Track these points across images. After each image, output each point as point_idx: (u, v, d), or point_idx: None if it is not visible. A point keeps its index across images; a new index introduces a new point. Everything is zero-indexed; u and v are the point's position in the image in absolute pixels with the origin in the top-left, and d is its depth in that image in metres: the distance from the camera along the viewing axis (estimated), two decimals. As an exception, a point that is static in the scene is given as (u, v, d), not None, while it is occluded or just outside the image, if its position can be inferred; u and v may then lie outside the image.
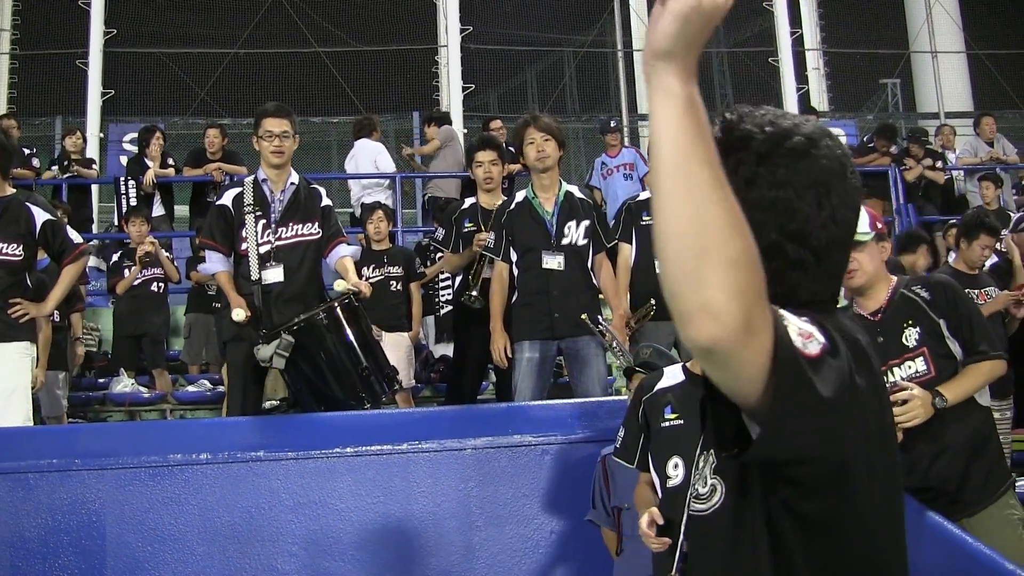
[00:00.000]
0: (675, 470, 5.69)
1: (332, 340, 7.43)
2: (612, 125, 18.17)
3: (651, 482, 5.82)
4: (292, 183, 8.34)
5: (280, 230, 8.19)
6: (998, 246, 10.90)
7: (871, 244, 5.94)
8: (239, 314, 7.74)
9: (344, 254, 8.33)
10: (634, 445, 5.84)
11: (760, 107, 2.63)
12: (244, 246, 8.14)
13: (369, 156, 16.22)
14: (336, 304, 7.55)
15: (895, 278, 6.25)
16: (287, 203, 8.28)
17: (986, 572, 5.20)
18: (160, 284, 13.57)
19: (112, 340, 14.02)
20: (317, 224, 8.31)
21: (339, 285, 7.87)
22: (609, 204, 16.28)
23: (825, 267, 2.54)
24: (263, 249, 8.07)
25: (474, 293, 9.29)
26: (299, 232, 8.22)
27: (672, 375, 5.93)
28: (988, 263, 10.74)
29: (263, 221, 8.17)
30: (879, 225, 6.01)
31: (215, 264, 8.34)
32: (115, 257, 13.95)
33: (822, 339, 2.22)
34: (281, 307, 7.98)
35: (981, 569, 5.22)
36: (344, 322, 7.48)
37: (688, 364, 5.97)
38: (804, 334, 2.19)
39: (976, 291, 9.69)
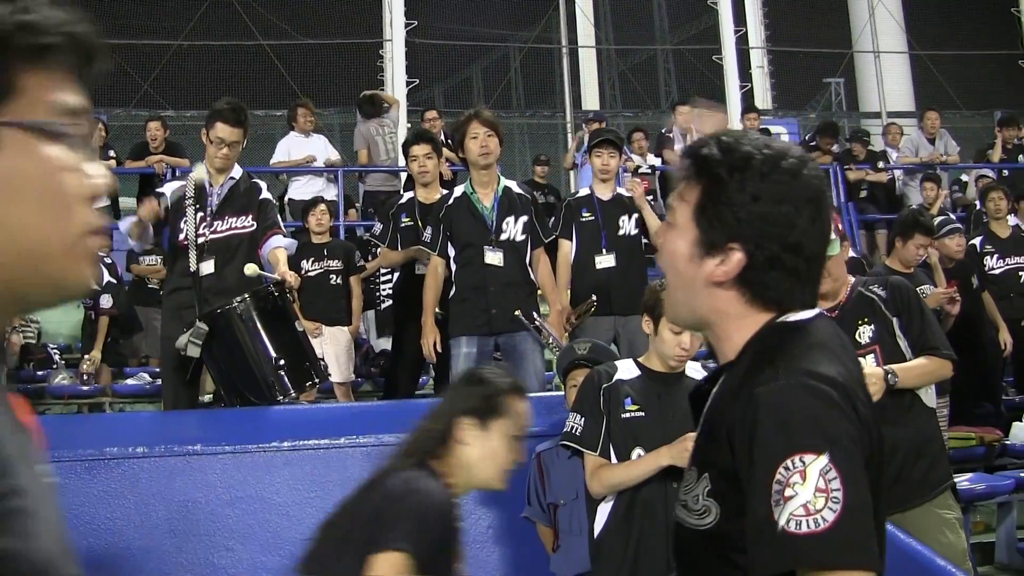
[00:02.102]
0: None
1: (244, 330, 7.40)
2: (591, 116, 18.35)
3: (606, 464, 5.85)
4: (232, 177, 8.32)
5: (216, 223, 8.17)
6: None
7: (836, 254, 6.05)
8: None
9: (277, 245, 8.26)
10: (597, 432, 5.84)
11: (744, 131, 3.04)
12: (182, 237, 8.12)
13: (282, 151, 16.41)
14: (252, 294, 7.53)
15: (853, 278, 6.38)
16: (224, 196, 8.26)
17: (919, 570, 5.25)
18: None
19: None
20: (252, 217, 8.27)
21: (249, 269, 7.83)
22: (581, 184, 16.36)
23: (812, 274, 2.75)
24: (199, 241, 8.07)
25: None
26: (233, 225, 8.18)
27: (626, 369, 5.99)
28: None
29: (200, 213, 8.15)
30: (840, 227, 6.11)
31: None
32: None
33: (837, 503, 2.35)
34: (212, 300, 7.93)
35: (914, 566, 5.27)
36: (257, 312, 7.45)
37: (642, 359, 6.02)
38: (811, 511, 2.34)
39: None
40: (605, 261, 9.66)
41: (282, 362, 7.40)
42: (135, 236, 8.18)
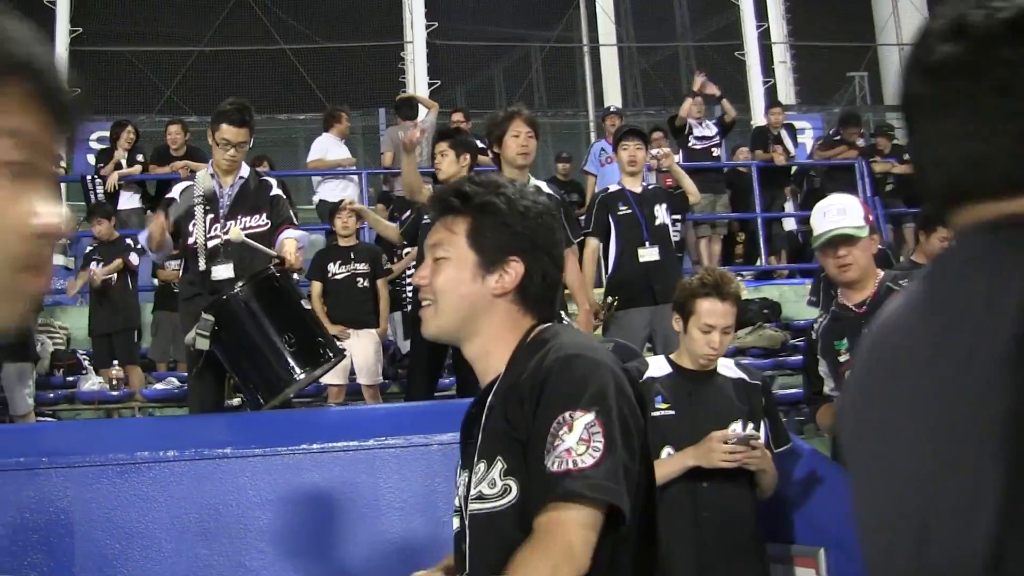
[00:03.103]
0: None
1: (248, 313, 7.29)
2: (612, 110, 18.29)
3: None
4: (241, 176, 8.20)
5: (228, 224, 7.99)
6: None
7: (864, 238, 6.01)
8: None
9: (288, 236, 8.08)
10: None
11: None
12: (192, 240, 8.06)
13: (319, 149, 16.38)
14: (250, 277, 7.44)
15: (882, 272, 6.35)
16: (235, 196, 8.13)
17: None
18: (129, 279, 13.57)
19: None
20: (265, 215, 8.13)
21: (233, 234, 7.76)
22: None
23: (558, 292, 3.33)
24: (211, 244, 7.95)
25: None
26: (247, 225, 7.96)
27: (657, 366, 5.99)
28: None
29: (211, 215, 8.04)
30: (870, 218, 6.09)
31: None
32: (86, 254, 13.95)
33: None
34: None
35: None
36: (258, 295, 7.35)
37: (672, 356, 6.02)
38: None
39: None
40: (649, 254, 9.66)
41: (292, 339, 7.32)
42: (154, 247, 8.11)
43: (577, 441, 2.76)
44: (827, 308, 7.08)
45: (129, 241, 13.32)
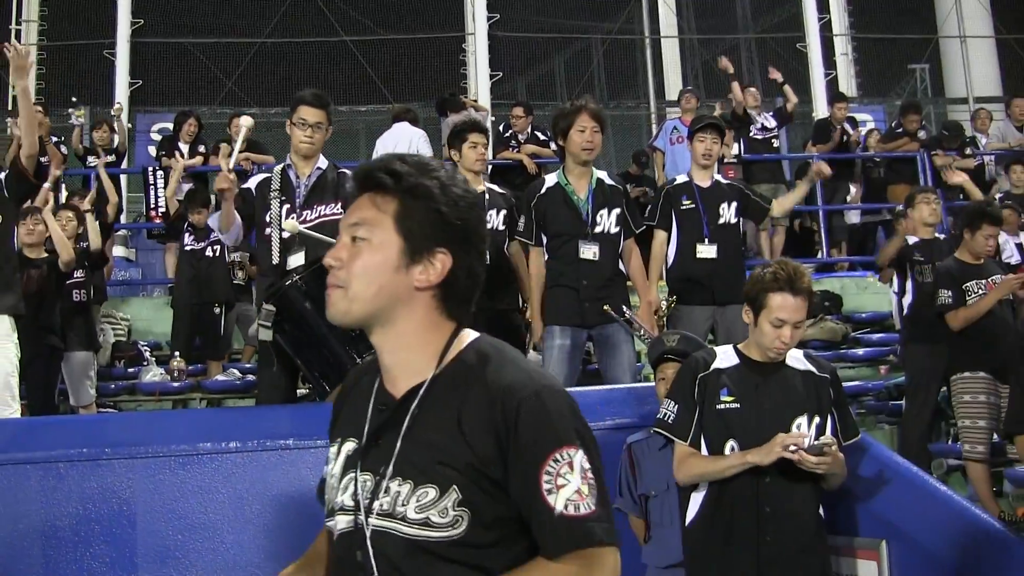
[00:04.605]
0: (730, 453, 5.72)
1: (309, 301, 7.03)
2: (689, 88, 18.25)
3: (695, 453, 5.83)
4: (319, 168, 8.16)
5: (304, 213, 7.95)
6: None
7: None
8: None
9: None
10: (688, 422, 5.82)
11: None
12: (268, 231, 8.03)
13: (410, 140, 16.24)
14: (307, 264, 7.40)
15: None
16: (312, 186, 8.09)
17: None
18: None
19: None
20: (342, 205, 7.98)
21: (287, 224, 7.68)
22: (668, 170, 16.33)
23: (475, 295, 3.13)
24: (286, 235, 7.88)
25: None
26: (323, 213, 7.93)
27: (725, 356, 5.95)
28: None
29: (287, 206, 8.00)
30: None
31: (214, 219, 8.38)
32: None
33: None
34: None
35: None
36: (318, 283, 7.16)
37: (740, 346, 5.97)
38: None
39: (983, 280, 9.72)
40: (707, 252, 9.53)
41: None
42: (225, 228, 8.08)
43: (582, 481, 2.80)
44: None
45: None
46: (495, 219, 9.07)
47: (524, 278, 9.06)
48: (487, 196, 9.35)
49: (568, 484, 2.78)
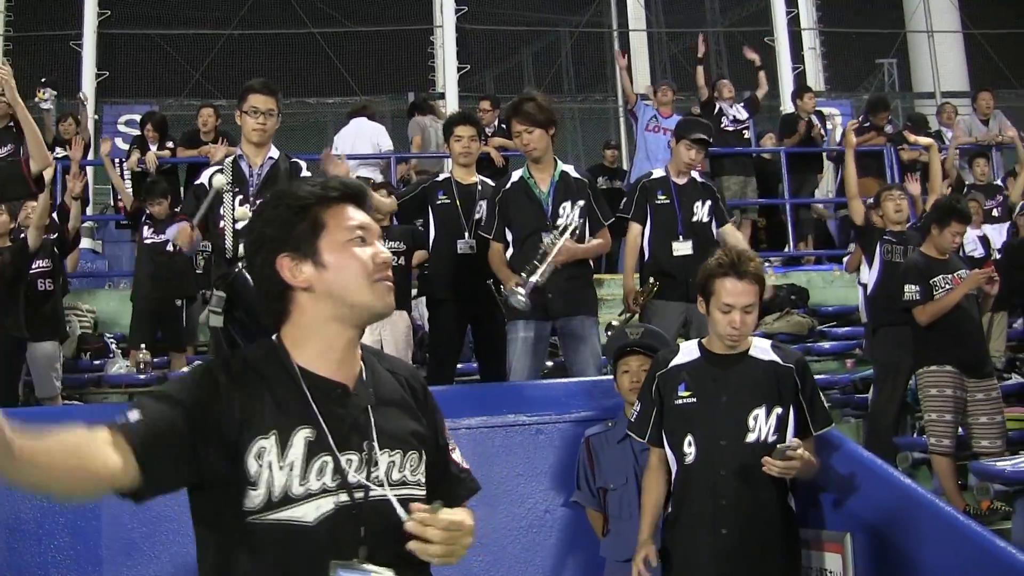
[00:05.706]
0: (689, 448, 5.74)
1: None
2: (666, 80, 18.32)
3: (664, 461, 5.87)
4: (271, 158, 8.16)
5: (258, 203, 7.72)
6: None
7: None
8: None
9: None
10: (646, 420, 5.88)
11: None
12: (222, 223, 8.00)
13: (371, 136, 16.33)
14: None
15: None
16: (264, 176, 8.07)
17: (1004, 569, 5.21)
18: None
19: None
20: None
21: (217, 181, 7.79)
22: (638, 157, 16.32)
23: None
24: (239, 225, 7.85)
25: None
26: None
27: (688, 351, 5.98)
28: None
29: (240, 197, 7.99)
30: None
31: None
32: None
33: None
34: None
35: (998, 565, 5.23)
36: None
37: (704, 340, 5.99)
38: None
39: (950, 275, 9.76)
40: (682, 248, 9.51)
41: None
42: (185, 245, 8.07)
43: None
44: None
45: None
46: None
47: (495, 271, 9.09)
48: (479, 188, 9.60)
49: (455, 445, 3.57)
